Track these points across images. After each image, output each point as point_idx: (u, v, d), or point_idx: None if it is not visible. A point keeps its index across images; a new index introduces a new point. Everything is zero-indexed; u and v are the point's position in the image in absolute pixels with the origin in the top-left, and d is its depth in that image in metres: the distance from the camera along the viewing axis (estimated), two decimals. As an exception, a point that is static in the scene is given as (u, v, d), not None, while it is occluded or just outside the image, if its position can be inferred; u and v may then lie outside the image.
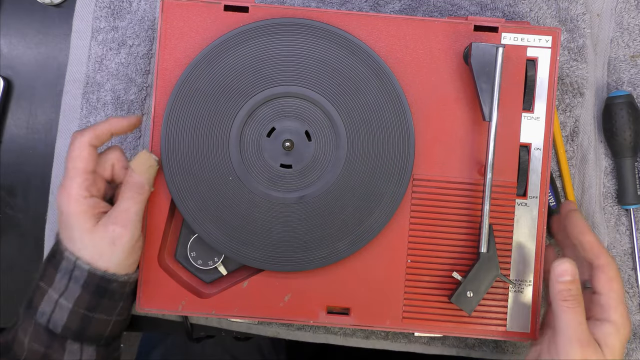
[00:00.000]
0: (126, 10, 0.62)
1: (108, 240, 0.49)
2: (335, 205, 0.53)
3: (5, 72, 0.65)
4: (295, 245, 0.53)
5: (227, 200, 0.53)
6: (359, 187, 0.53)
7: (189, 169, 0.53)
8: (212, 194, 0.53)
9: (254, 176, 0.53)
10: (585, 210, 0.62)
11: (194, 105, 0.53)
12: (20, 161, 0.65)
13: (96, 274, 0.49)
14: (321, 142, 0.54)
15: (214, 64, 0.53)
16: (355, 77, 0.53)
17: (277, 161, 0.54)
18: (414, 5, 0.62)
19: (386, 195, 0.53)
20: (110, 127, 0.52)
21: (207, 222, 0.53)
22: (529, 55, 0.55)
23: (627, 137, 0.60)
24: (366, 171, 0.53)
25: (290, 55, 0.53)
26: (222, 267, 0.56)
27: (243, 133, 0.53)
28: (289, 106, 0.54)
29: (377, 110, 0.53)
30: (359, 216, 0.53)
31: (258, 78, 0.53)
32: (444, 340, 0.62)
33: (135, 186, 0.51)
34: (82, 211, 0.50)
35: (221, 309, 0.55)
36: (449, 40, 0.54)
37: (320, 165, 0.54)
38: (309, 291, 0.55)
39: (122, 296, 0.52)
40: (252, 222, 0.53)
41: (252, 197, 0.53)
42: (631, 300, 0.62)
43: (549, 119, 0.55)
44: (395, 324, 0.55)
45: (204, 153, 0.53)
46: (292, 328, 0.62)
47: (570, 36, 0.62)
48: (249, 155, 0.54)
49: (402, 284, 0.54)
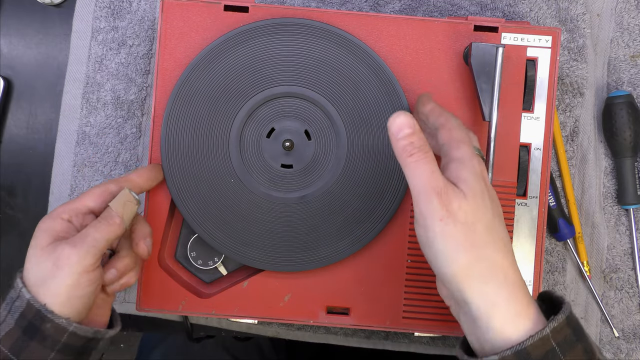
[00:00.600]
0: (126, 10, 0.62)
1: (52, 260, 0.43)
2: (336, 205, 0.53)
3: (5, 72, 0.65)
4: (296, 245, 0.53)
5: (227, 201, 0.53)
6: (359, 186, 0.53)
7: (189, 170, 0.53)
8: (212, 195, 0.53)
9: (255, 177, 0.54)
10: (585, 210, 0.62)
11: (193, 105, 0.53)
12: (20, 161, 0.65)
13: (33, 306, 0.42)
14: (321, 142, 0.54)
15: (213, 64, 0.53)
16: (355, 77, 0.53)
17: (278, 161, 0.54)
18: (414, 5, 0.62)
19: (387, 194, 0.53)
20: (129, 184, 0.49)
21: (207, 222, 0.53)
22: (529, 55, 0.55)
23: (627, 137, 0.60)
24: (367, 170, 0.53)
25: (290, 55, 0.53)
26: (222, 267, 0.56)
27: (243, 133, 0.53)
28: (288, 106, 0.54)
29: (376, 110, 0.53)
30: (359, 215, 0.53)
31: (258, 78, 0.53)
32: (444, 340, 0.62)
33: (104, 216, 0.46)
34: (45, 228, 0.45)
35: (221, 309, 0.55)
36: (449, 40, 0.54)
37: (321, 164, 0.54)
38: (309, 291, 0.55)
39: (56, 346, 0.42)
40: (252, 222, 0.53)
41: (252, 198, 0.53)
42: (631, 300, 0.62)
43: (549, 119, 0.55)
44: (395, 324, 0.55)
45: (204, 153, 0.53)
46: (292, 328, 0.62)
47: (570, 36, 0.62)
48: (249, 156, 0.54)
49: (402, 284, 0.54)
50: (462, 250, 0.41)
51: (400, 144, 0.42)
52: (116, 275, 0.48)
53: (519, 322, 0.41)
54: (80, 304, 0.44)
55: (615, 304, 0.62)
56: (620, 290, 0.62)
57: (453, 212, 0.41)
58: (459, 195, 0.41)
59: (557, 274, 0.62)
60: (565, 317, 0.40)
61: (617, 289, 0.62)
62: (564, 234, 0.61)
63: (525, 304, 0.41)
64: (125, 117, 0.62)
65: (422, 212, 0.41)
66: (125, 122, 0.62)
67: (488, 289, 0.41)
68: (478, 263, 0.41)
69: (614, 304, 0.62)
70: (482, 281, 0.41)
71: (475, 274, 0.41)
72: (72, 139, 0.62)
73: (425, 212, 0.41)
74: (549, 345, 0.39)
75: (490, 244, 0.42)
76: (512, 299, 0.41)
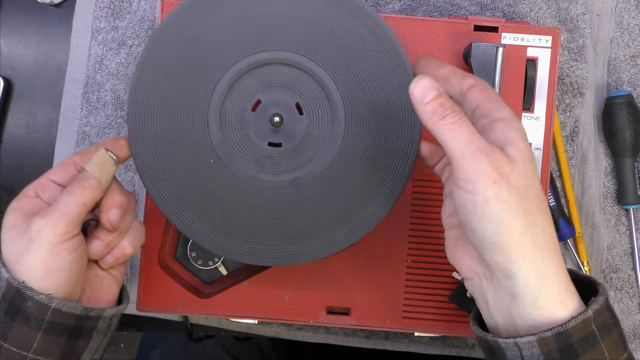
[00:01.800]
0: (126, 10, 0.62)
1: (26, 235, 0.40)
2: (332, 189, 0.46)
3: (5, 72, 0.65)
4: (288, 235, 0.47)
5: (206, 185, 0.46)
6: (358, 167, 0.46)
7: (163, 152, 0.46)
8: (189, 180, 0.46)
9: (238, 157, 0.46)
10: (585, 210, 0.62)
11: (165, 77, 0.46)
12: (20, 161, 0.65)
13: (12, 285, 0.40)
14: (315, 117, 0.47)
15: (189, 25, 0.46)
16: (354, 42, 0.46)
17: (265, 139, 0.47)
18: (414, 5, 0.62)
19: (389, 177, 0.46)
20: None
21: (183, 210, 0.46)
22: (529, 55, 0.55)
23: (627, 137, 0.60)
24: (367, 149, 0.46)
25: (276, 16, 0.46)
26: (222, 267, 0.56)
27: (224, 106, 0.46)
28: (276, 75, 0.46)
29: (379, 80, 0.47)
30: (358, 201, 0.46)
31: (239, 43, 0.46)
32: (444, 340, 0.62)
33: (78, 178, 0.42)
34: (14, 208, 0.42)
35: (221, 309, 0.55)
36: (449, 40, 0.54)
37: (314, 143, 0.47)
38: (309, 291, 0.55)
39: (41, 326, 0.40)
40: (235, 209, 0.46)
41: (235, 181, 0.46)
42: (631, 300, 0.62)
43: (549, 119, 0.55)
44: (395, 324, 0.55)
45: (179, 132, 0.46)
46: (292, 328, 0.62)
47: (570, 36, 0.62)
48: (232, 133, 0.46)
49: (402, 284, 0.54)
50: (517, 216, 0.37)
51: (429, 107, 0.38)
52: (101, 246, 0.44)
53: (567, 299, 0.37)
54: (62, 277, 0.40)
55: (615, 304, 0.62)
56: (620, 290, 0.62)
57: (505, 175, 0.37)
58: (507, 157, 0.37)
59: (557, 274, 0.62)
60: (605, 300, 0.38)
61: (617, 289, 0.62)
62: (564, 234, 0.61)
63: (569, 281, 0.38)
64: (125, 117, 0.62)
65: (468, 176, 0.37)
66: (125, 122, 0.62)
67: (541, 260, 0.37)
68: (532, 230, 0.37)
69: (614, 304, 0.62)
70: (536, 249, 0.37)
71: (528, 242, 0.37)
72: (72, 139, 0.62)
73: (473, 175, 0.36)
74: (589, 328, 0.37)
75: (541, 211, 0.38)
76: (561, 273, 0.38)
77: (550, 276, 0.37)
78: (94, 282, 0.46)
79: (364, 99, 0.46)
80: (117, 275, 0.47)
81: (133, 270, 0.62)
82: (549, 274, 0.37)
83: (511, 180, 0.37)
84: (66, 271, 0.41)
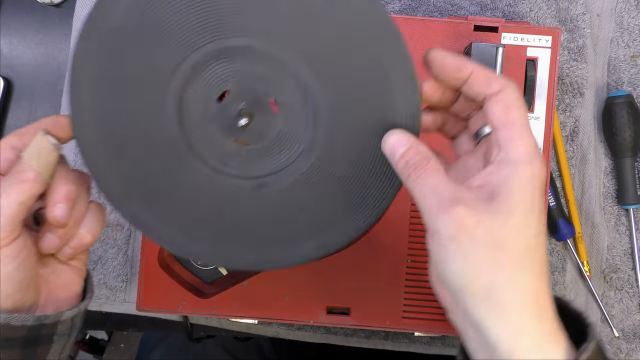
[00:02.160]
0: (126, 10, 0.62)
1: None
2: (301, 201, 0.40)
3: (5, 72, 0.65)
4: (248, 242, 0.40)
5: (161, 180, 0.39)
6: (334, 182, 0.40)
7: (109, 136, 0.38)
8: (140, 172, 0.39)
9: (198, 152, 0.39)
10: (585, 210, 0.62)
11: (115, 50, 0.37)
12: (20, 161, 0.65)
13: None
14: (290, 114, 0.39)
15: None
16: (347, 30, 0.37)
17: (230, 134, 0.39)
18: (414, 5, 0.62)
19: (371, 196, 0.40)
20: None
21: (134, 205, 0.39)
22: (529, 55, 0.55)
23: (627, 137, 0.60)
24: (347, 163, 0.39)
25: None
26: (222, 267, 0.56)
27: (185, 92, 0.38)
28: (250, 65, 0.38)
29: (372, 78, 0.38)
30: (328, 217, 0.40)
31: (208, 22, 0.37)
32: (444, 340, 0.62)
33: (14, 172, 0.36)
34: None
35: (221, 309, 0.55)
36: (449, 40, 0.54)
37: (288, 144, 0.39)
38: (309, 291, 0.55)
39: None
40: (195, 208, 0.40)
41: (193, 178, 0.39)
42: (631, 300, 0.62)
43: (549, 119, 0.55)
44: (395, 324, 0.55)
45: (129, 117, 0.38)
46: (292, 328, 0.62)
47: (570, 36, 0.62)
48: (192, 123, 0.39)
49: (402, 284, 0.54)
50: (485, 271, 0.34)
51: (398, 166, 0.37)
52: (55, 240, 0.39)
53: (549, 348, 0.34)
54: (7, 287, 0.36)
55: (615, 304, 0.62)
56: (620, 290, 0.62)
57: (469, 229, 0.34)
58: (483, 209, 0.34)
59: (557, 274, 0.62)
60: (595, 346, 0.35)
61: (617, 289, 0.62)
62: (564, 234, 0.61)
63: (555, 330, 0.35)
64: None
65: (432, 230, 0.35)
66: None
67: (513, 316, 0.34)
68: (504, 287, 0.34)
69: (614, 304, 0.62)
70: (507, 308, 0.34)
71: (497, 300, 0.34)
72: (72, 139, 0.62)
73: (435, 229, 0.35)
74: None
75: (526, 267, 0.34)
76: (545, 319, 0.35)
77: (526, 327, 0.34)
78: (50, 279, 0.40)
79: (351, 102, 0.39)
80: (79, 266, 0.42)
81: (133, 270, 0.62)
82: (525, 326, 0.34)
83: (477, 235, 0.34)
84: (11, 280, 0.36)
